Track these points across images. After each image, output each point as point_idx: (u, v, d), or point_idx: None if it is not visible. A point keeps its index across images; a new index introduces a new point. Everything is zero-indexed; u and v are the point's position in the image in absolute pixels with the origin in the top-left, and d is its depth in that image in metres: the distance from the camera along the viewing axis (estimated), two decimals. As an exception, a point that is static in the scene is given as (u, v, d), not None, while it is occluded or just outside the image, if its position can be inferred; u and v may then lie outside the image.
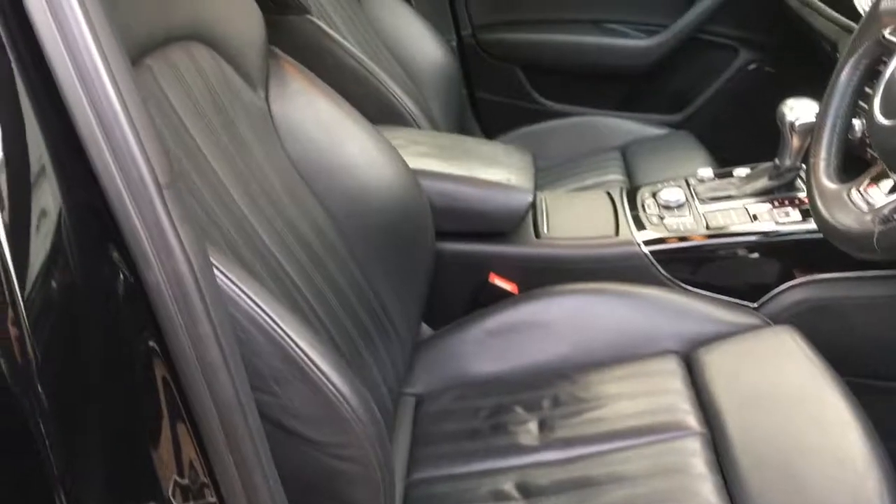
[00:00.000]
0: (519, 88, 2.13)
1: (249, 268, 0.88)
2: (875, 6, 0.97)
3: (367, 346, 1.06)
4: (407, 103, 1.50)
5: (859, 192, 0.90)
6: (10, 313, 0.47)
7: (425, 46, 1.88)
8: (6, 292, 0.46)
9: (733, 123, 2.09)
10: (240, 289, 0.69)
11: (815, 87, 1.92)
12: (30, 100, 0.49)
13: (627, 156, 1.85)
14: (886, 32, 0.95)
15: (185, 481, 0.57)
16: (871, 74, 0.99)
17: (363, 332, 1.06)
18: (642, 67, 2.07)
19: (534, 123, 2.01)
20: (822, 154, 0.97)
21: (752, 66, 2.03)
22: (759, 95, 2.04)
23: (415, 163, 1.24)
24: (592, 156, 1.88)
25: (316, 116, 1.12)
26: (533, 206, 1.33)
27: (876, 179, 0.89)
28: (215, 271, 0.68)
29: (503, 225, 1.30)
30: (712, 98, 2.07)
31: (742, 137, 2.09)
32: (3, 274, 0.46)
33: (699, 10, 1.99)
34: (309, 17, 1.45)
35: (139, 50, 0.86)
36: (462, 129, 2.11)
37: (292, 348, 0.71)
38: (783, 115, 1.26)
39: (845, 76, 0.98)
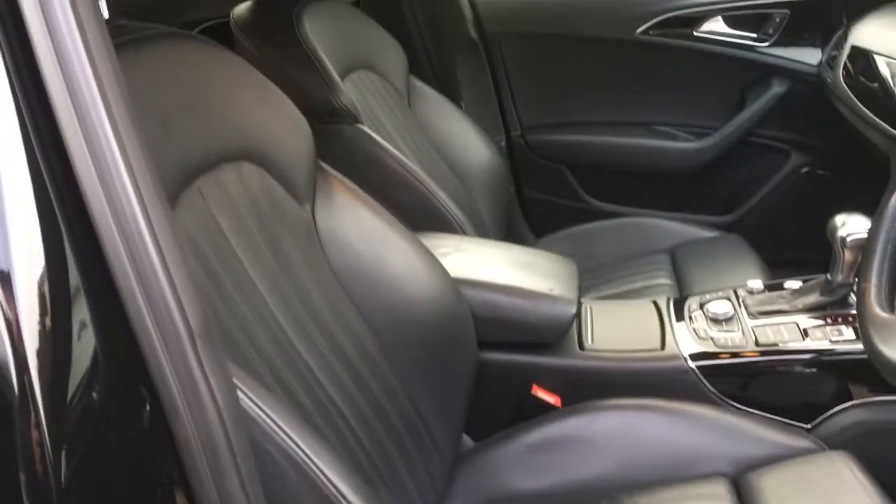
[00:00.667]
0: (567, 188, 2.14)
1: (287, 388, 0.88)
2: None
3: (404, 462, 1.05)
4: (453, 210, 1.51)
5: (914, 324, 0.87)
6: (35, 434, 0.47)
7: (474, 147, 1.91)
8: (33, 416, 0.47)
9: (785, 227, 2.06)
10: (275, 422, 0.69)
11: (868, 195, 1.90)
12: (73, 254, 0.51)
13: (676, 258, 1.83)
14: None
15: None
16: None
17: (401, 448, 1.05)
18: (692, 169, 2.06)
19: (582, 223, 2.01)
20: (873, 279, 0.94)
21: (804, 170, 2.01)
22: (811, 199, 2.03)
23: (458, 271, 1.24)
24: (641, 257, 1.87)
25: (360, 229, 1.13)
26: (577, 315, 1.31)
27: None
28: (249, 403, 0.68)
29: (546, 336, 1.28)
30: (763, 201, 2.05)
31: (794, 241, 2.06)
32: (30, 399, 0.47)
33: (750, 113, 1.99)
34: (359, 125, 1.49)
35: (192, 173, 0.89)
36: (510, 228, 2.12)
37: (324, 483, 0.70)
38: (834, 230, 1.23)
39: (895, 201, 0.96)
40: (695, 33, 1.98)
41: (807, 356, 1.21)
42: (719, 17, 1.96)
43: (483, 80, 2.10)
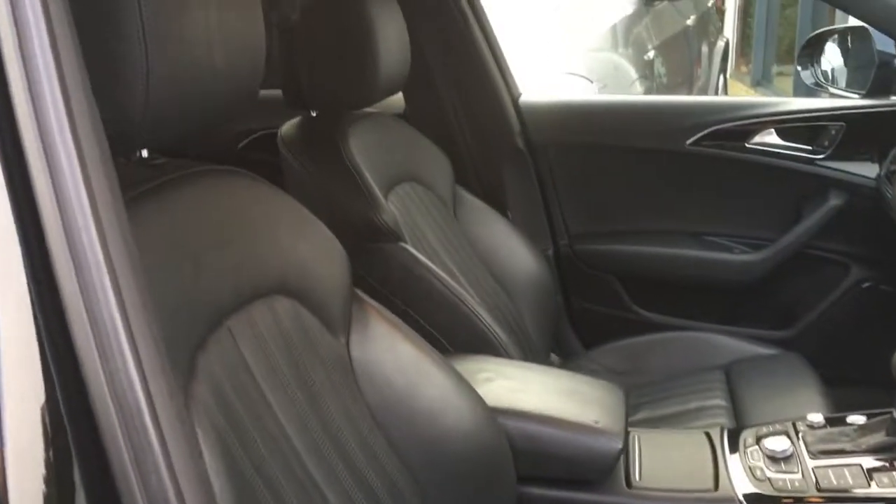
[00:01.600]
0: (616, 299, 2.09)
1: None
2: None
3: None
4: (496, 331, 1.47)
5: None
6: None
7: (520, 257, 1.88)
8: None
9: (846, 344, 1.97)
10: None
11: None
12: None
13: (731, 377, 1.75)
14: None
15: None
16: None
17: None
18: (747, 282, 2.00)
19: (632, 335, 1.95)
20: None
21: (865, 285, 1.93)
22: (874, 316, 1.93)
23: (498, 399, 1.20)
24: (694, 374, 1.79)
25: (396, 361, 1.10)
26: (625, 447, 1.24)
27: None
28: None
29: (591, 472, 1.22)
30: (823, 316, 1.97)
31: (856, 359, 1.96)
32: None
33: (806, 226, 1.93)
34: (402, 244, 1.47)
35: (223, 313, 0.88)
36: (558, 339, 2.07)
37: None
38: (899, 366, 1.16)
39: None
40: (747, 145, 1.94)
41: (873, 504, 1.12)
42: (772, 130, 1.93)
43: (530, 189, 2.09)
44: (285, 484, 0.86)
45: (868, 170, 1.88)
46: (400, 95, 2.06)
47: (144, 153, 0.91)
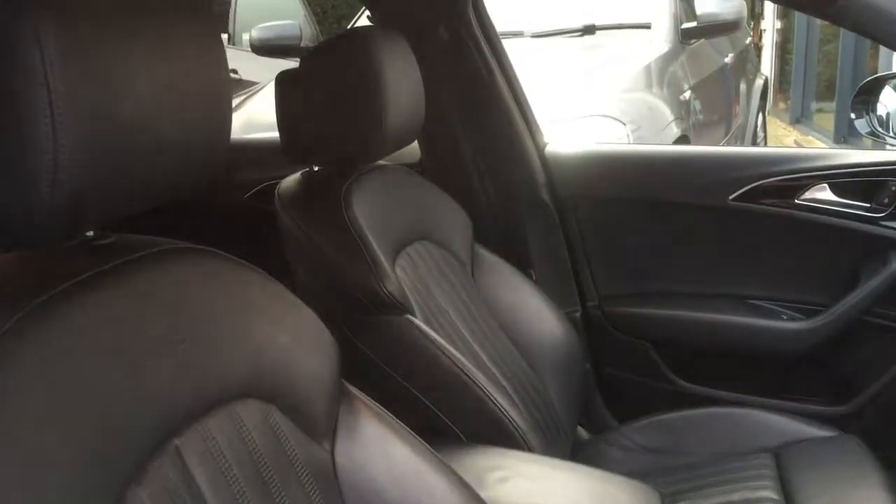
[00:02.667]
0: (652, 367, 1.90)
1: None
2: None
3: None
4: (514, 418, 1.30)
5: None
6: None
7: (545, 322, 1.71)
8: None
9: (912, 423, 1.76)
10: None
11: None
12: None
13: (782, 464, 1.55)
14: None
15: None
16: None
17: None
18: (798, 352, 1.80)
19: (669, 409, 1.75)
20: None
21: (934, 358, 1.72)
22: (945, 394, 1.73)
23: (514, 507, 1.03)
24: (739, 458, 1.59)
25: (391, 469, 0.93)
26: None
27: None
28: None
29: None
30: (884, 391, 1.76)
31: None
32: None
33: (867, 290, 1.73)
34: (409, 317, 1.31)
35: (168, 431, 0.72)
36: (587, 412, 1.89)
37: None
38: None
39: None
40: (797, 201, 1.75)
41: None
42: (825, 185, 1.74)
43: (556, 246, 1.92)
44: None
45: (935, 231, 1.69)
46: (415, 144, 1.92)
47: (91, 232, 0.76)
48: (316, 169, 1.47)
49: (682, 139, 3.60)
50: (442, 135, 1.86)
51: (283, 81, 1.39)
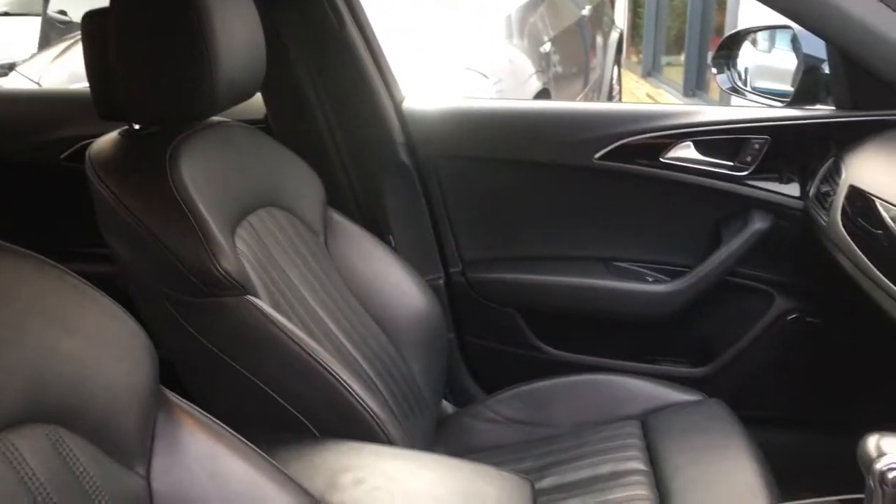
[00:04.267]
0: (518, 335, 1.83)
1: None
2: None
3: None
4: (371, 406, 1.18)
5: None
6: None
7: (405, 292, 1.59)
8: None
9: (770, 380, 1.78)
10: None
11: (870, 349, 1.62)
12: None
13: (649, 432, 1.52)
14: None
15: None
16: None
17: None
18: (663, 314, 1.77)
19: (536, 377, 1.69)
20: None
21: (791, 317, 1.73)
22: (800, 350, 1.75)
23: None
24: (606, 427, 1.56)
25: (220, 492, 0.79)
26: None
27: None
28: None
29: None
30: (745, 351, 1.76)
31: (781, 396, 1.78)
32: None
33: (728, 251, 1.71)
34: (249, 298, 1.15)
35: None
36: (451, 385, 1.80)
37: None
38: (869, 461, 0.92)
39: None
40: (662, 160, 1.70)
41: None
42: (689, 143, 1.69)
43: (417, 210, 1.80)
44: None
45: (794, 189, 1.68)
46: (259, 98, 1.74)
47: None
48: (137, 127, 1.27)
49: (543, 93, 3.56)
50: (289, 90, 1.69)
51: (91, 22, 1.18)
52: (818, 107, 1.69)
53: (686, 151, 1.71)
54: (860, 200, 1.40)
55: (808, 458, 1.71)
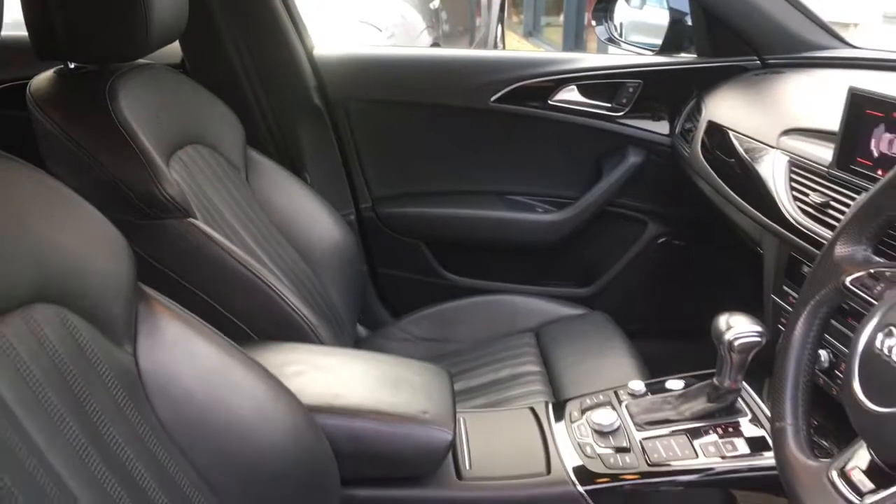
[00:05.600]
0: (424, 264, 2.00)
1: None
2: (829, 251, 0.88)
3: None
4: (304, 313, 1.32)
5: (843, 476, 0.77)
6: None
7: (322, 225, 1.73)
8: None
9: (645, 297, 2.02)
10: None
11: (726, 264, 1.88)
12: None
13: (542, 340, 1.73)
14: (847, 281, 0.86)
15: None
16: (828, 321, 0.89)
17: None
18: (552, 241, 1.98)
19: (441, 301, 1.87)
20: (789, 419, 0.85)
21: (661, 241, 1.98)
22: (670, 270, 1.99)
23: (315, 397, 1.07)
24: (504, 339, 1.76)
25: (196, 370, 0.92)
26: (454, 437, 1.16)
27: (863, 461, 0.77)
28: None
29: (420, 468, 1.12)
30: (624, 272, 2.00)
31: (654, 310, 2.03)
32: None
33: (607, 183, 1.94)
34: (191, 220, 1.28)
35: None
36: (366, 310, 1.95)
37: None
38: (720, 334, 1.15)
39: (801, 329, 0.87)
40: (549, 102, 1.90)
41: (699, 476, 1.12)
42: (573, 87, 1.90)
43: (328, 149, 1.93)
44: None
45: (664, 127, 1.91)
46: (175, 44, 1.82)
47: None
48: (72, 66, 1.35)
49: (433, 47, 3.71)
50: (205, 35, 1.78)
51: None
52: (683, 55, 1.93)
53: (570, 94, 1.92)
54: (717, 133, 1.63)
55: (678, 363, 1.96)
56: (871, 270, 0.84)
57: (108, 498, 0.76)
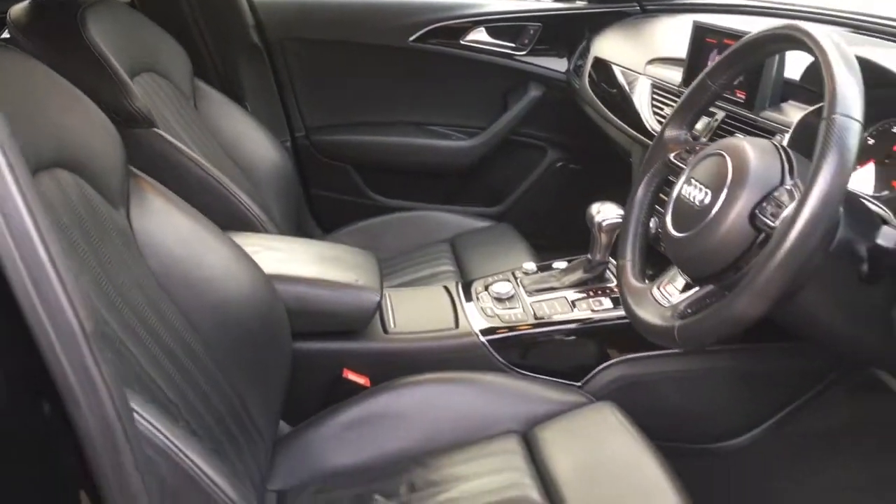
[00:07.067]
0: (352, 186, 2.26)
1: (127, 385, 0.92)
2: (661, 134, 1.19)
3: (232, 448, 1.11)
4: (254, 209, 1.57)
5: (660, 290, 1.08)
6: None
7: (262, 149, 1.96)
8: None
9: (545, 214, 2.32)
10: (139, 414, 0.75)
11: (613, 184, 2.19)
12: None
13: (456, 248, 2.00)
14: (671, 156, 1.16)
15: None
16: (661, 188, 1.20)
17: (229, 436, 1.11)
18: (464, 165, 2.26)
19: (367, 218, 2.13)
20: (628, 257, 1.16)
21: (558, 165, 2.28)
22: (565, 190, 2.30)
23: (269, 268, 1.32)
24: (424, 248, 2.02)
25: (176, 232, 1.17)
26: (381, 301, 1.43)
27: (672, 278, 1.08)
28: None
29: (354, 323, 1.40)
30: (526, 192, 2.30)
31: (553, 226, 2.33)
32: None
33: (511, 115, 2.22)
34: (155, 130, 1.50)
35: None
36: (300, 226, 2.20)
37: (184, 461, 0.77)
38: (591, 217, 1.46)
39: (641, 193, 1.18)
40: (461, 42, 2.17)
41: (574, 325, 1.42)
42: (482, 28, 2.17)
43: (267, 83, 2.16)
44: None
45: (560, 64, 2.20)
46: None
47: None
48: None
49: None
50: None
51: None
52: (577, 2, 2.22)
53: (480, 35, 2.19)
54: (601, 67, 1.93)
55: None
56: (687, 148, 1.15)
57: (125, 322, 1.00)
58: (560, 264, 1.58)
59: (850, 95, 0.85)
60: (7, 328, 0.57)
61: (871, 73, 1.00)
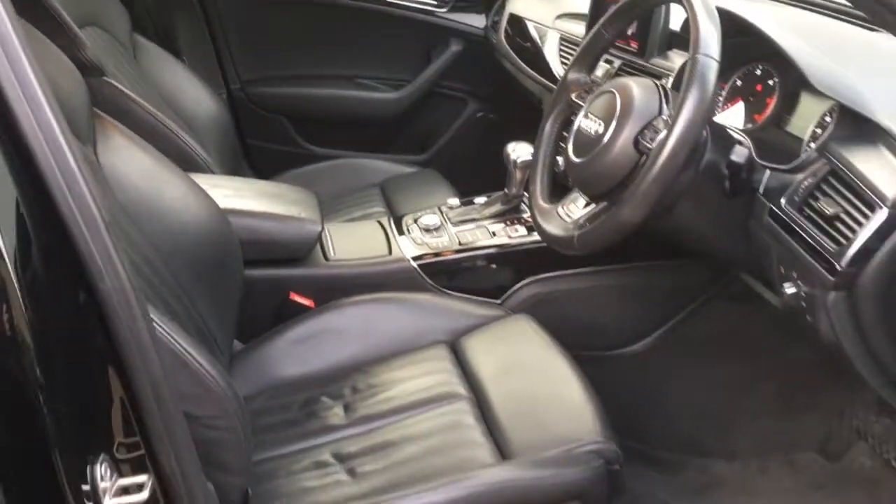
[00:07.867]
0: (286, 136, 2.40)
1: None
2: (564, 77, 1.38)
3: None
4: (201, 153, 1.71)
5: (564, 209, 1.29)
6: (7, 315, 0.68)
7: (200, 100, 2.07)
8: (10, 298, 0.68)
9: (467, 160, 2.50)
10: None
11: (528, 130, 2.39)
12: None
13: (386, 191, 2.16)
14: (573, 96, 1.36)
15: (126, 440, 0.78)
16: (566, 126, 1.39)
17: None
18: (392, 116, 2.42)
19: (301, 166, 2.27)
20: (538, 184, 1.36)
21: (479, 115, 2.46)
22: (485, 137, 2.49)
23: (221, 203, 1.46)
24: (356, 192, 2.17)
25: (139, 167, 1.31)
26: (321, 232, 1.60)
27: (574, 200, 1.28)
28: None
29: (298, 252, 1.56)
30: (450, 141, 2.47)
31: (475, 171, 2.50)
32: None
33: (435, 68, 2.39)
34: (106, 78, 1.62)
35: None
36: (236, 173, 2.32)
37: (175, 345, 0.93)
38: (507, 155, 1.65)
39: (548, 128, 1.37)
40: (387, -1, 2.32)
41: (493, 250, 1.62)
42: (406, -14, 2.33)
43: (202, 37, 2.27)
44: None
45: (479, 21, 2.37)
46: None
47: None
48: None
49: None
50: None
51: None
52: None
53: (405, -8, 2.34)
54: (516, 23, 2.12)
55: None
56: (586, 89, 1.34)
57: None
58: (481, 199, 1.77)
59: (710, 39, 1.05)
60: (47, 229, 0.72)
61: (732, 22, 1.21)
